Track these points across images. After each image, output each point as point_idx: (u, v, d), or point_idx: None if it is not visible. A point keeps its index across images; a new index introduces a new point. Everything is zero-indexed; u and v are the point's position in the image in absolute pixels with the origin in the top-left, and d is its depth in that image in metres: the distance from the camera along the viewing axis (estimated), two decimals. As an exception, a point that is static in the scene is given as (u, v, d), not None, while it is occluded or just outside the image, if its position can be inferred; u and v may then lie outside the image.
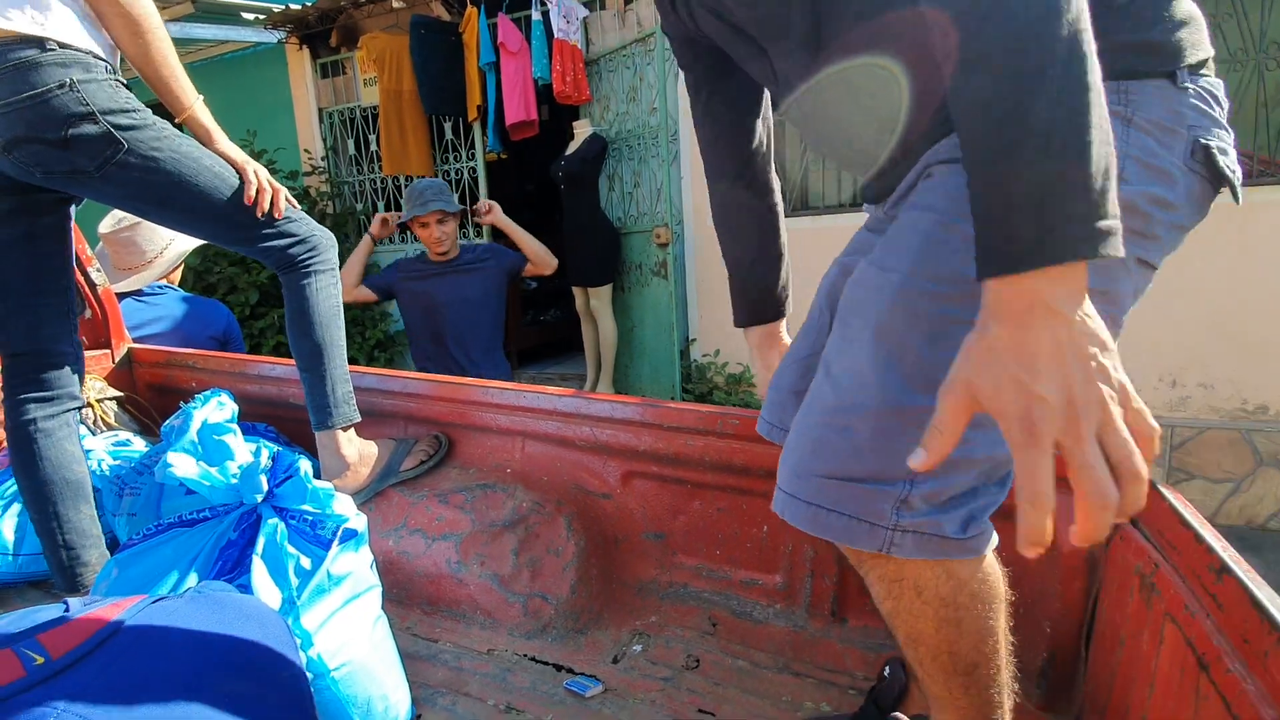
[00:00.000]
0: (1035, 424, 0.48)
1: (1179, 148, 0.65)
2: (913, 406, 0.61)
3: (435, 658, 1.23)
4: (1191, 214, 0.68)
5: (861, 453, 0.63)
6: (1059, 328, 0.48)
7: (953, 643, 0.67)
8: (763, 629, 1.26)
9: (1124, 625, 0.86)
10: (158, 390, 1.89)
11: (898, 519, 0.62)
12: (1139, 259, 0.66)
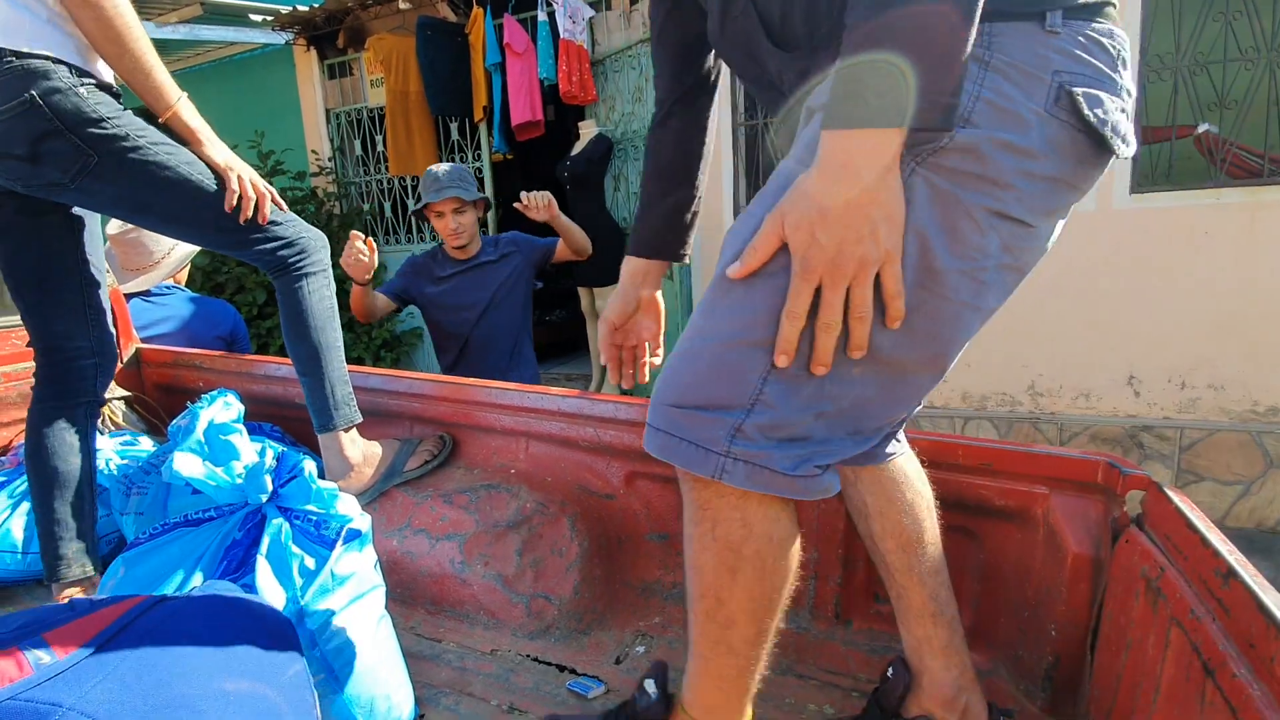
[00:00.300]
0: (809, 260, 0.59)
1: (1039, 93, 0.63)
2: (746, 339, 0.65)
3: (439, 658, 1.23)
4: (1059, 164, 0.65)
5: (702, 381, 0.66)
6: (854, 189, 0.57)
7: (721, 589, 0.71)
8: (766, 630, 1.26)
9: (1130, 629, 0.86)
10: (165, 390, 1.90)
11: (730, 445, 0.65)
12: (989, 209, 0.63)
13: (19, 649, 0.67)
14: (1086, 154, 0.66)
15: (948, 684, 0.91)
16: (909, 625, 0.93)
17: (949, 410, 3.77)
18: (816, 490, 0.68)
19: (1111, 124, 0.64)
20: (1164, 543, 0.84)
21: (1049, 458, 1.08)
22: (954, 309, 0.66)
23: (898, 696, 0.94)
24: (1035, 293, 3.49)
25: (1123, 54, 0.66)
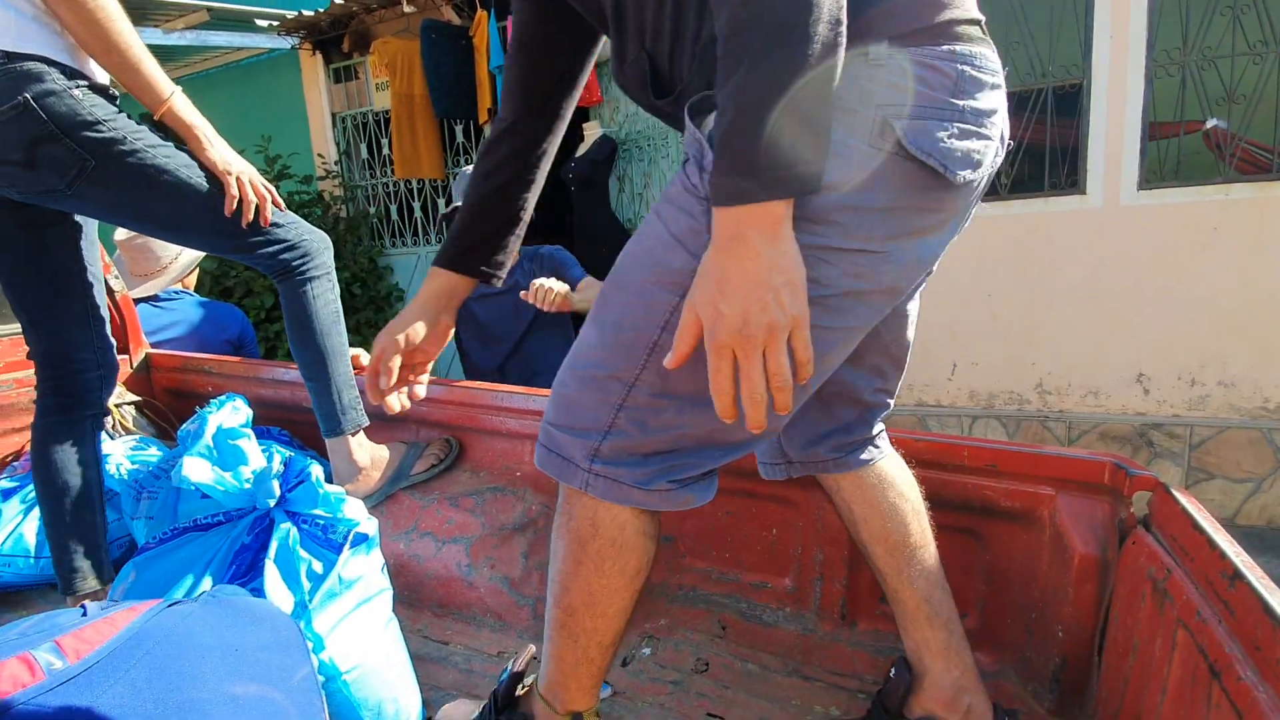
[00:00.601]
0: (718, 334, 0.60)
1: (862, 128, 0.63)
2: (607, 372, 0.72)
3: (446, 660, 1.24)
4: (892, 195, 0.65)
5: (571, 406, 0.75)
6: (749, 259, 0.59)
7: (566, 577, 0.78)
8: (772, 632, 1.26)
9: (1136, 631, 0.85)
10: (174, 394, 1.91)
11: (591, 464, 0.73)
12: (811, 246, 0.63)
13: (31, 653, 0.68)
14: (925, 181, 0.66)
15: (949, 685, 0.93)
16: (907, 628, 0.96)
17: (956, 410, 3.76)
18: (672, 503, 0.75)
19: (939, 152, 0.64)
20: (1170, 544, 0.83)
21: (1055, 458, 1.08)
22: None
23: (899, 697, 0.95)
24: (1042, 290, 3.48)
25: (968, 71, 0.65)
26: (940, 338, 3.73)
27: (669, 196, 0.71)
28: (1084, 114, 3.27)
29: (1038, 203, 3.45)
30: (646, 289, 0.70)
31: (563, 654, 0.82)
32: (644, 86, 0.79)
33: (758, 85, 0.56)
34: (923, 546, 0.95)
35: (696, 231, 0.66)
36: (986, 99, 0.68)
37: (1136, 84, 3.12)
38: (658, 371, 0.69)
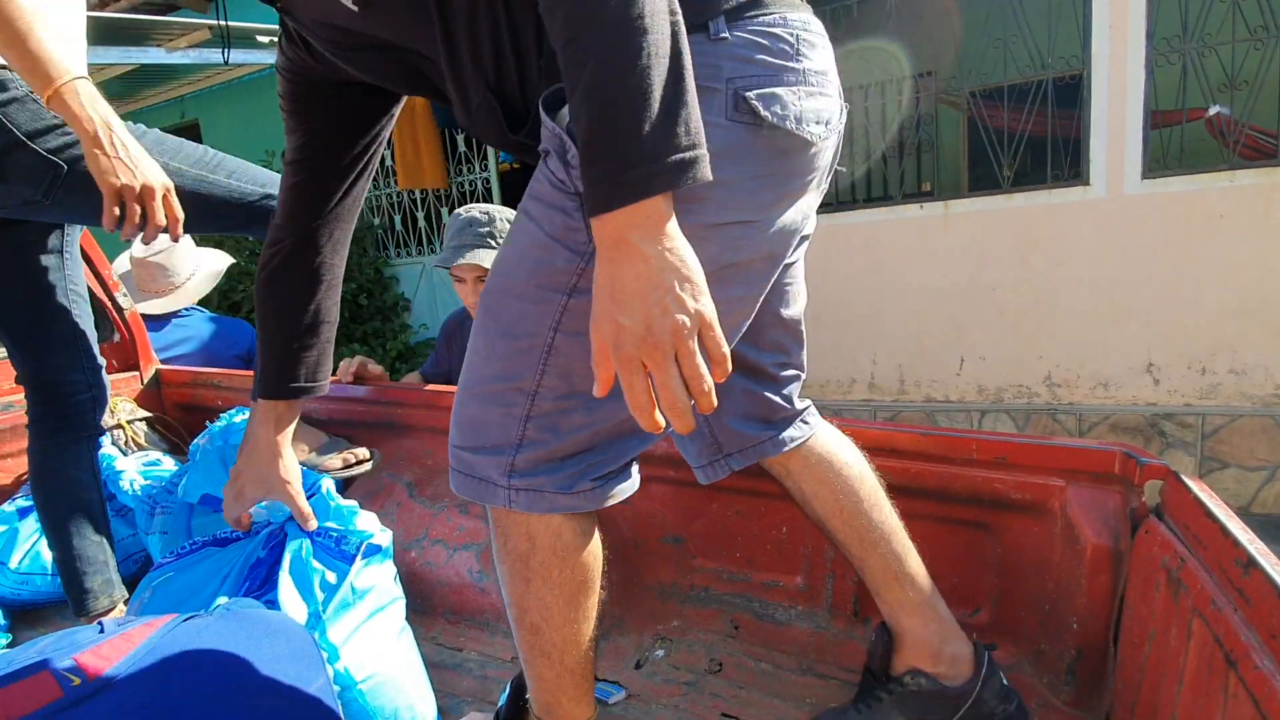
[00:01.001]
0: (623, 348, 0.56)
1: (717, 104, 0.64)
2: (506, 384, 0.70)
3: (461, 666, 1.24)
4: (757, 164, 0.67)
5: (475, 425, 0.72)
6: (638, 263, 0.55)
7: (520, 597, 0.76)
8: (785, 631, 1.26)
9: (1152, 621, 0.85)
10: (185, 409, 1.93)
11: (509, 480, 0.71)
12: (690, 225, 0.61)
13: (51, 671, 0.69)
14: (784, 145, 0.68)
15: (929, 639, 0.95)
16: (879, 592, 0.97)
17: (965, 405, 3.75)
18: (598, 501, 0.73)
19: (794, 115, 0.66)
20: (1184, 532, 0.83)
21: (1064, 450, 1.07)
22: None
23: (881, 658, 0.97)
24: (1048, 283, 3.47)
25: (802, 35, 0.68)
26: (946, 333, 3.71)
27: (536, 195, 0.69)
28: (1085, 104, 3.26)
29: (1041, 195, 3.43)
30: (532, 292, 0.68)
31: (541, 674, 0.80)
32: (500, 129, 0.78)
33: (607, 85, 0.54)
34: (876, 508, 0.96)
35: (572, 228, 0.65)
36: (820, 59, 0.70)
37: (1137, 73, 3.11)
38: (558, 374, 0.68)
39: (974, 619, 1.17)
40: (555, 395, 0.69)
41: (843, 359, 3.98)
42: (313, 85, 0.92)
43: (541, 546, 0.74)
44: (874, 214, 3.80)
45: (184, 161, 1.16)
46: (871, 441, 1.18)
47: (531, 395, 0.69)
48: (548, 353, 0.68)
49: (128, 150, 0.95)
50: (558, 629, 0.77)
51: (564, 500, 0.72)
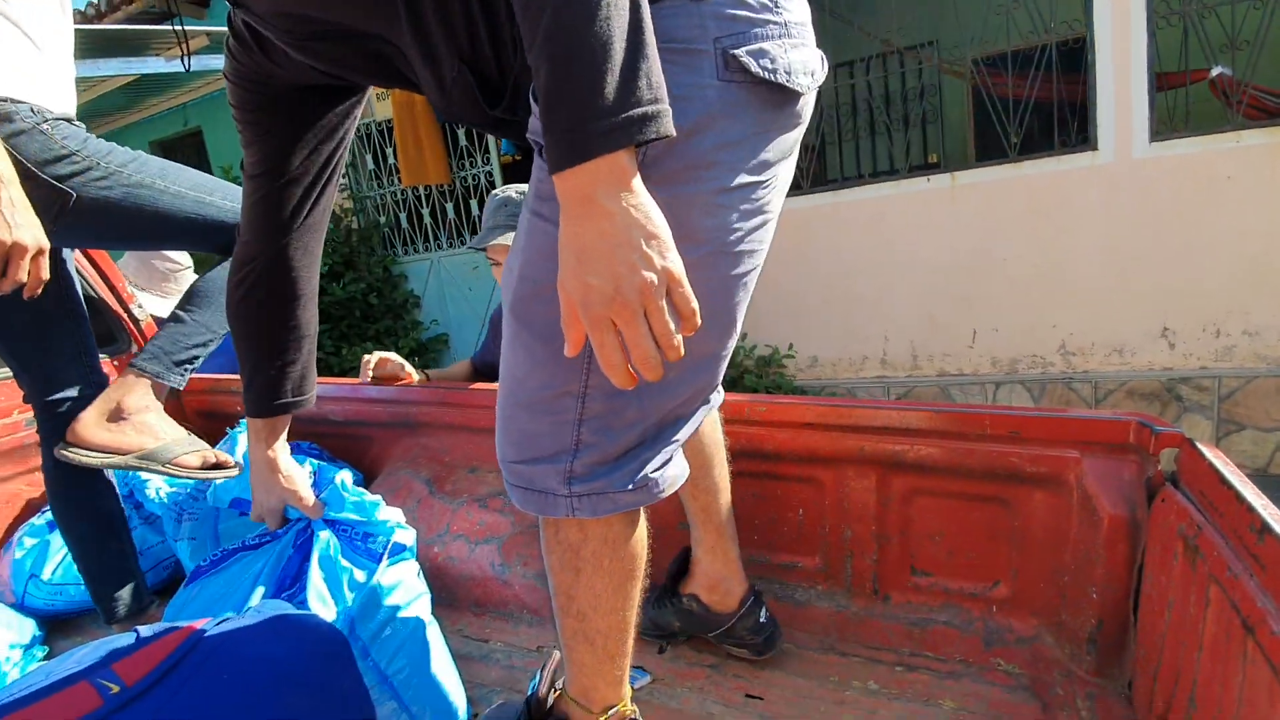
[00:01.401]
0: (592, 308, 0.55)
1: (707, 66, 0.63)
2: (554, 390, 0.69)
3: (488, 657, 1.27)
4: (753, 120, 0.66)
5: (527, 437, 0.72)
6: (603, 221, 0.54)
7: (569, 586, 0.78)
8: (805, 611, 1.27)
9: (1170, 589, 0.85)
10: (205, 416, 1.96)
11: (570, 487, 0.71)
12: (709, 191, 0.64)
13: (90, 681, 0.71)
14: (774, 98, 0.67)
15: (713, 574, 1.13)
16: (694, 528, 1.13)
17: (979, 377, 3.73)
18: (660, 490, 0.74)
19: (783, 68, 0.66)
20: (1199, 500, 0.83)
21: (1078, 421, 1.07)
22: (723, 283, 0.70)
23: (673, 576, 1.19)
24: (1059, 250, 3.43)
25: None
26: (957, 306, 3.69)
27: (543, 195, 0.68)
28: (1090, 68, 3.20)
29: (1049, 162, 3.39)
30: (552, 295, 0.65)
31: (584, 660, 0.83)
32: (474, 102, 0.76)
33: (564, 38, 0.52)
34: (721, 466, 1.10)
35: None
36: (798, 10, 0.70)
37: (1140, 35, 3.06)
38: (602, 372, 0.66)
39: (993, 592, 1.18)
40: (605, 394, 0.68)
41: (853, 337, 3.97)
42: (269, 91, 0.89)
43: (594, 537, 0.76)
44: (880, 189, 3.77)
45: (185, 185, 1.20)
46: (883, 421, 1.19)
47: (581, 398, 0.69)
48: (590, 354, 0.66)
49: (12, 208, 0.97)
50: (604, 615, 0.79)
51: (626, 498, 0.72)
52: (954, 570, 1.21)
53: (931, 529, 1.21)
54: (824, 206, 3.84)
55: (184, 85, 5.79)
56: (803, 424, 1.25)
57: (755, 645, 1.15)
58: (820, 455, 1.24)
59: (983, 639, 1.15)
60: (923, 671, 1.13)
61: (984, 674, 1.11)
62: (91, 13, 5.73)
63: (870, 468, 1.22)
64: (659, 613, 1.21)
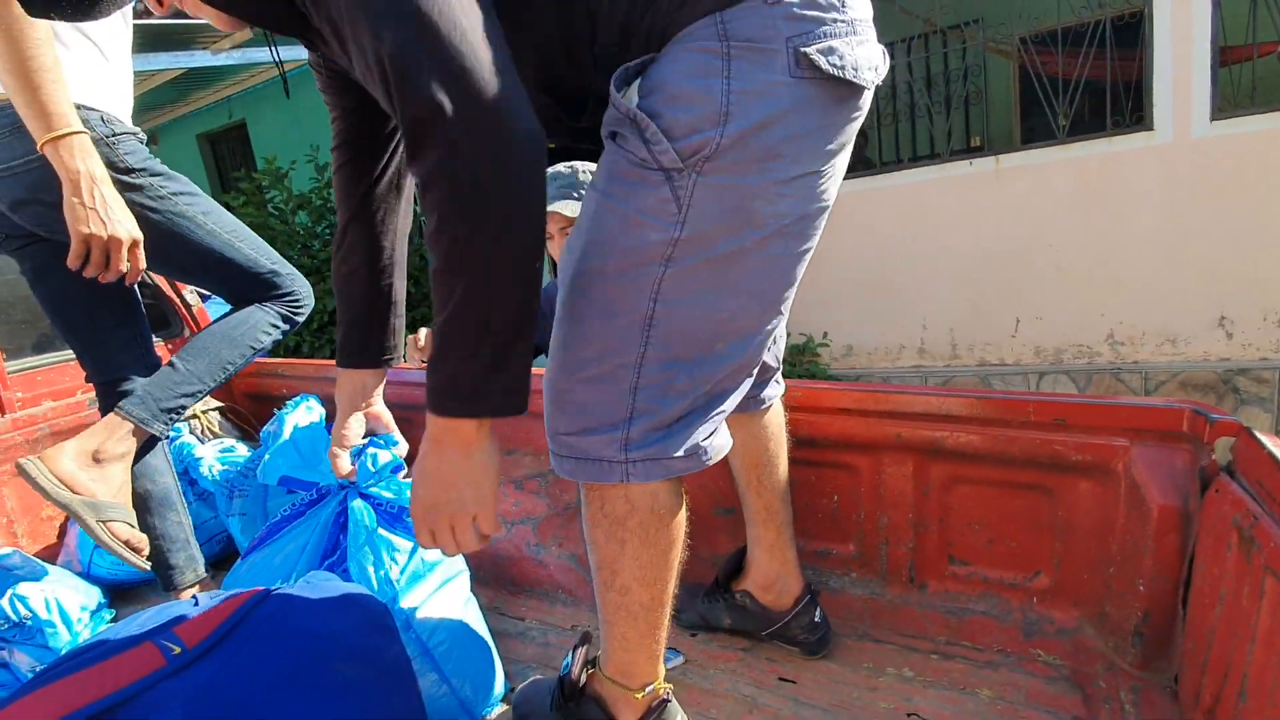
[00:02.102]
0: (413, 509, 0.73)
1: (779, 63, 0.66)
2: (610, 362, 0.74)
3: (523, 635, 1.30)
4: (819, 115, 0.70)
5: (583, 408, 0.76)
6: (444, 464, 0.70)
7: (614, 560, 0.81)
8: (839, 598, 1.26)
9: (1222, 581, 0.83)
10: (253, 398, 2.03)
11: (626, 454, 0.75)
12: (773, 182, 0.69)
13: (154, 641, 0.75)
14: (840, 93, 0.71)
15: (769, 573, 1.14)
16: (748, 525, 1.14)
17: (1022, 367, 3.64)
18: (709, 457, 0.79)
19: (850, 64, 0.69)
20: (1257, 489, 0.80)
21: (1127, 409, 1.04)
22: (775, 265, 0.74)
23: (728, 573, 1.19)
24: (1109, 236, 3.31)
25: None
26: (1000, 293, 3.60)
27: (615, 174, 0.71)
28: (1147, 44, 3.07)
29: (1100, 144, 3.27)
30: (627, 271, 0.71)
31: (625, 634, 0.85)
32: (557, 119, 0.80)
33: (457, 328, 0.64)
34: (783, 464, 1.12)
35: (664, 200, 0.69)
36: (862, 7, 0.72)
37: (1202, 7, 2.91)
38: (661, 343, 0.72)
39: (1033, 583, 1.15)
40: (660, 364, 0.73)
41: (890, 325, 3.90)
42: (341, 78, 0.96)
43: (640, 508, 0.79)
44: (921, 173, 3.68)
45: (221, 227, 1.27)
46: (922, 407, 1.17)
47: (638, 368, 0.73)
48: (649, 324, 0.72)
49: (105, 203, 1.05)
50: (647, 588, 0.82)
51: (679, 464, 0.77)
52: (993, 559, 1.19)
53: (971, 517, 1.19)
54: (862, 191, 3.77)
55: (229, 79, 5.94)
56: (839, 409, 1.24)
57: (808, 644, 1.14)
58: (856, 441, 1.23)
59: (1022, 629, 1.13)
60: (959, 660, 1.11)
61: (1023, 664, 1.09)
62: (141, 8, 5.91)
63: (908, 454, 1.21)
64: (709, 608, 1.20)
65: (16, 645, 0.98)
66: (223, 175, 7.17)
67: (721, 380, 0.77)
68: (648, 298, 0.71)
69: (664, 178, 0.68)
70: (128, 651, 0.74)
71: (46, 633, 0.98)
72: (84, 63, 1.14)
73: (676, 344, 0.73)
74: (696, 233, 0.69)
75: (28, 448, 1.59)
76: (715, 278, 0.71)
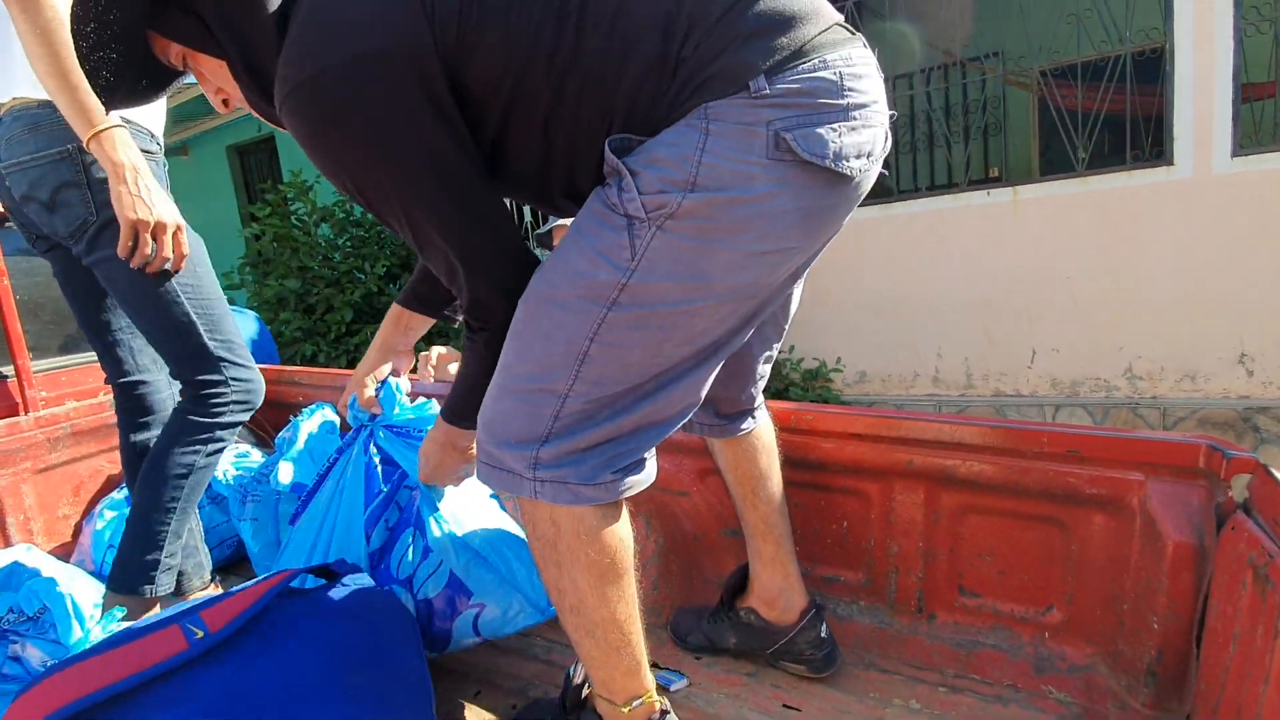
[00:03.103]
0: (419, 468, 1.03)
1: (758, 145, 0.69)
2: (540, 385, 0.76)
3: (527, 651, 1.29)
4: (800, 195, 0.72)
5: (506, 420, 0.79)
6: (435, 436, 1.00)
7: (555, 580, 0.82)
8: (846, 625, 1.25)
9: (1237, 620, 0.81)
10: (269, 405, 2.05)
11: (535, 472, 0.77)
12: (740, 252, 0.72)
13: (179, 625, 0.77)
14: (824, 179, 0.72)
15: (772, 587, 1.14)
16: (748, 539, 1.16)
17: (1037, 399, 3.60)
18: (618, 492, 0.79)
19: (833, 153, 0.70)
20: (1273, 528, 0.79)
21: (1142, 442, 1.03)
22: (719, 321, 0.76)
23: (732, 590, 1.20)
24: (1128, 269, 3.29)
25: (845, 71, 0.71)
26: (1016, 324, 3.58)
27: (590, 211, 0.76)
28: (1168, 79, 3.07)
29: (1120, 177, 3.26)
30: (573, 301, 0.74)
31: (591, 653, 0.85)
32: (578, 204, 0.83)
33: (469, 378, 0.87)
34: (776, 481, 1.13)
35: (620, 246, 0.72)
36: (866, 88, 0.73)
37: (1225, 44, 2.92)
38: (590, 381, 0.75)
39: (1045, 617, 1.14)
40: (584, 400, 0.75)
41: (905, 352, 3.89)
42: None
43: (566, 531, 0.79)
44: (938, 201, 3.69)
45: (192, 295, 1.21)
46: (934, 434, 1.17)
47: (563, 397, 0.75)
48: (582, 360, 0.74)
49: (149, 191, 1.09)
50: (594, 609, 0.81)
51: (587, 491, 0.77)
52: (1005, 592, 1.17)
53: (982, 548, 1.18)
54: (879, 218, 3.78)
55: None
56: (850, 434, 1.23)
57: (815, 661, 1.12)
58: (867, 467, 1.23)
59: (1033, 664, 1.11)
60: (968, 694, 1.10)
61: (1033, 700, 1.07)
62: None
63: (919, 482, 1.20)
64: (714, 628, 1.20)
65: (29, 640, 0.99)
66: (250, 187, 7.32)
67: (651, 415, 0.79)
68: (586, 335, 0.74)
69: (626, 224, 0.72)
70: (154, 634, 0.77)
71: (59, 628, 1.00)
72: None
73: (606, 383, 0.75)
74: (645, 283, 0.72)
75: (49, 446, 1.62)
76: (657, 331, 0.74)
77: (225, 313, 1.27)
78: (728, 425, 1.10)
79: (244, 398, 1.29)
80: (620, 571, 0.81)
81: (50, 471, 1.63)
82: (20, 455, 1.57)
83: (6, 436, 1.56)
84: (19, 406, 1.65)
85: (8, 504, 1.55)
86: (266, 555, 1.52)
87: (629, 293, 0.72)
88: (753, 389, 1.09)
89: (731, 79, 0.68)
